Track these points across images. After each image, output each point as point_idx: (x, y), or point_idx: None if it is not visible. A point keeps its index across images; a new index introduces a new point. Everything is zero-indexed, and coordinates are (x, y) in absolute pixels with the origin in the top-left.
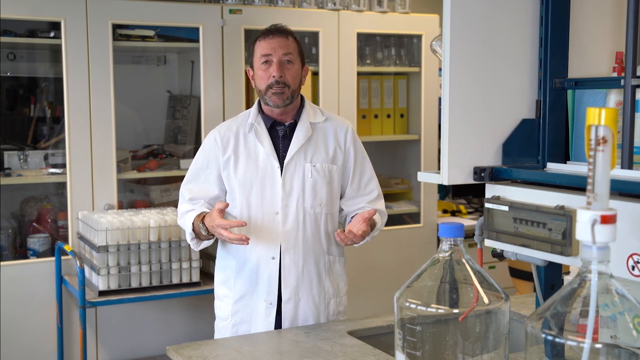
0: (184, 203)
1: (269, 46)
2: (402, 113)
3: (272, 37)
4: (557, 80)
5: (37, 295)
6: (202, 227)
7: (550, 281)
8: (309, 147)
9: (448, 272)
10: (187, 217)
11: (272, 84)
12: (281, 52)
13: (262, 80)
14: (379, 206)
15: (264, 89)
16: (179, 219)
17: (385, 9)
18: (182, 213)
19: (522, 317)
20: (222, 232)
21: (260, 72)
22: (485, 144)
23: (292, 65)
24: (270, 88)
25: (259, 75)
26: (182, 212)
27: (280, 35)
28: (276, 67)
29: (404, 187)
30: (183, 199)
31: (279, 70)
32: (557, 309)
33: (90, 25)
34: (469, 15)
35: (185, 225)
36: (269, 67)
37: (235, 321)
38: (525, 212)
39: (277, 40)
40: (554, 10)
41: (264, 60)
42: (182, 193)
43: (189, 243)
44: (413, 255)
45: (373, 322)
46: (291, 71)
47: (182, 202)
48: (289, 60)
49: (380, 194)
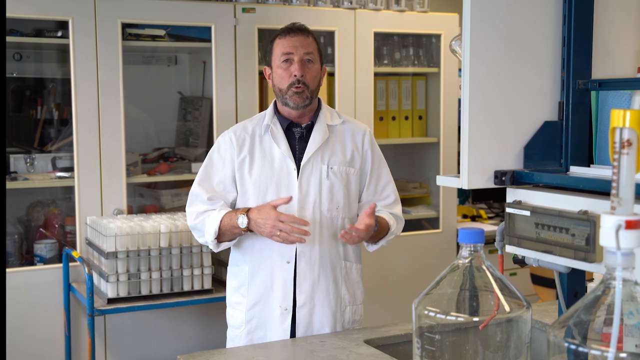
0: (198, 203)
1: (291, 44)
2: (421, 115)
3: (293, 36)
4: (581, 81)
5: (44, 303)
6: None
7: (573, 288)
8: (326, 149)
9: (468, 279)
10: (210, 215)
11: (293, 82)
12: (302, 50)
13: (282, 79)
14: (396, 211)
15: (285, 88)
16: (193, 218)
17: (403, 7)
18: (198, 212)
19: (544, 326)
20: (282, 226)
21: (281, 71)
22: (507, 146)
23: (313, 64)
24: (291, 87)
25: (278, 74)
26: (198, 211)
27: (302, 34)
28: (298, 66)
29: (423, 191)
30: (197, 199)
31: (300, 69)
32: (581, 317)
33: (98, 25)
34: (490, 14)
35: (208, 224)
36: (289, 65)
37: (250, 328)
38: (547, 217)
39: (298, 38)
40: (578, 9)
41: (284, 59)
42: (197, 193)
43: (207, 244)
44: (432, 262)
45: (390, 331)
46: (312, 71)
47: (195, 202)
48: (310, 59)
49: (398, 199)
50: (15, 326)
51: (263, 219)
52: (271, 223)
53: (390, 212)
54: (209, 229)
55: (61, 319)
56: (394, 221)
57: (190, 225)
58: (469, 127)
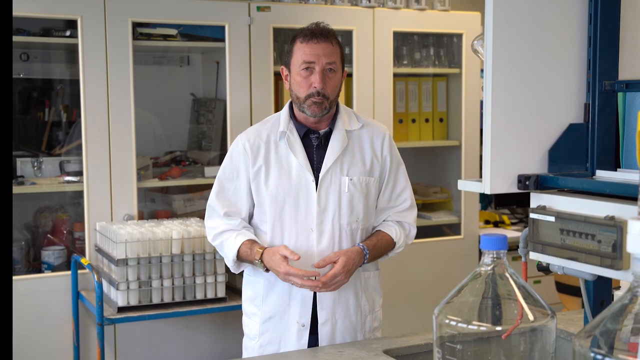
0: (217, 219)
1: (313, 52)
2: (442, 117)
3: (316, 42)
4: (607, 82)
5: (52, 311)
6: (260, 264)
7: (600, 297)
8: (345, 158)
9: (490, 287)
10: (228, 241)
11: (312, 93)
12: (325, 60)
13: (301, 87)
14: (408, 218)
15: (302, 97)
16: (212, 239)
17: (424, 6)
18: (217, 233)
19: (570, 335)
20: (293, 279)
21: (300, 79)
22: (530, 150)
23: (334, 74)
24: (309, 97)
25: (297, 81)
26: (217, 231)
27: (325, 41)
28: (319, 78)
29: (444, 196)
30: (215, 213)
31: (321, 82)
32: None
33: (108, 24)
34: (513, 12)
35: (226, 250)
36: (310, 74)
37: (263, 342)
38: (572, 223)
39: (321, 46)
40: (604, 7)
41: (305, 67)
42: (214, 206)
43: (228, 266)
44: (453, 269)
45: (410, 341)
46: (332, 81)
47: (213, 216)
48: (332, 69)
49: (414, 205)
50: (22, 336)
51: (275, 269)
52: (282, 277)
53: (401, 220)
54: (228, 255)
55: (70, 328)
56: (402, 233)
57: (213, 244)
58: (492, 129)
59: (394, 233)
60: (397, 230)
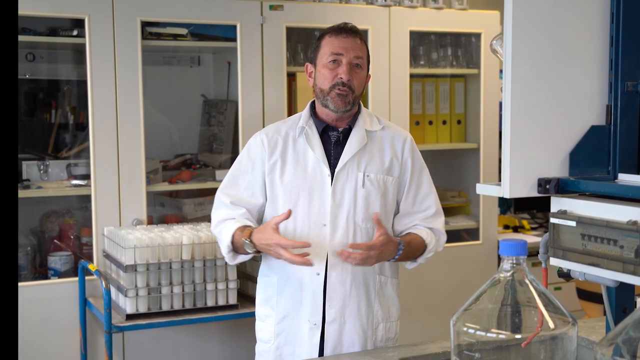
0: (222, 208)
1: (341, 45)
2: (459, 119)
3: (345, 36)
4: (630, 83)
5: (59, 319)
6: (249, 244)
7: (622, 304)
8: (363, 155)
9: (510, 294)
10: (226, 227)
11: (338, 83)
12: (353, 54)
13: (326, 79)
14: (436, 225)
15: (327, 88)
16: (214, 226)
17: (441, 4)
18: (218, 220)
19: (591, 343)
20: (282, 252)
21: (326, 71)
22: (551, 153)
23: (361, 70)
24: (334, 88)
25: (322, 74)
26: (219, 219)
27: (354, 36)
28: (346, 69)
29: (462, 200)
30: (221, 204)
31: (348, 73)
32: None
33: (116, 23)
34: (533, 11)
35: (223, 236)
36: (337, 67)
37: (279, 343)
38: (594, 228)
39: (349, 40)
40: (626, 6)
41: (333, 59)
42: (220, 198)
43: (223, 256)
44: (471, 275)
45: (427, 349)
46: (359, 76)
47: (218, 207)
48: (358, 64)
49: (440, 211)
50: (28, 343)
51: (266, 243)
52: (273, 249)
53: (429, 226)
54: (223, 242)
55: (77, 336)
56: (433, 237)
57: (214, 232)
58: (511, 132)
59: (426, 236)
60: (428, 233)
